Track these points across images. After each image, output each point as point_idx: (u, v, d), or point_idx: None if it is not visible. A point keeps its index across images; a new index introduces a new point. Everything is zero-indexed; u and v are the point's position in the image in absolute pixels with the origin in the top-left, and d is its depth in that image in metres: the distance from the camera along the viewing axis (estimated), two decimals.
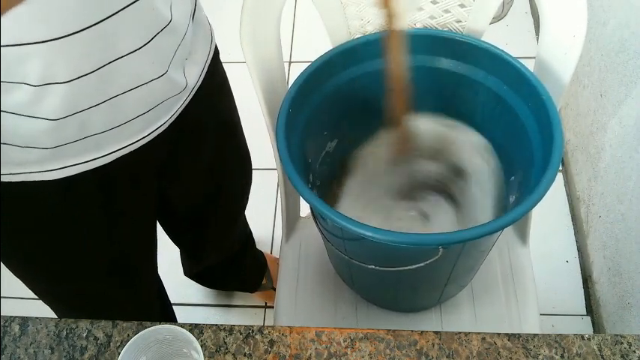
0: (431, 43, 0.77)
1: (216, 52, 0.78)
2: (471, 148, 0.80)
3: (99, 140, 0.61)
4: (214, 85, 0.77)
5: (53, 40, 0.49)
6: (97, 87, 0.55)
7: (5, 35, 0.47)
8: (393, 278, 0.76)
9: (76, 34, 0.50)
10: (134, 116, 0.62)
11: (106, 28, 0.52)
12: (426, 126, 0.80)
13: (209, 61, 0.73)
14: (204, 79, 0.72)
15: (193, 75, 0.69)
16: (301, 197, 0.67)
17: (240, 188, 1.01)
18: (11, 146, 0.57)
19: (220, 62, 0.80)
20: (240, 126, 0.92)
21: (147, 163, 0.71)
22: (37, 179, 0.61)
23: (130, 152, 0.65)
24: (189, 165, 0.82)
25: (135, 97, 0.60)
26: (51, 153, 0.59)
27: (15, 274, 0.75)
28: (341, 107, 0.79)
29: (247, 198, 1.06)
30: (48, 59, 0.50)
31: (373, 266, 0.70)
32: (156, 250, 0.87)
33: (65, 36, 0.49)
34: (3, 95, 0.52)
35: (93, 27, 0.51)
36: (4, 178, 0.60)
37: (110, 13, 0.51)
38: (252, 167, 1.02)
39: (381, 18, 0.66)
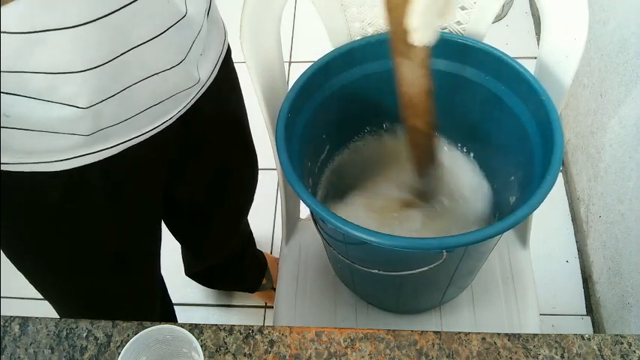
0: None
1: (229, 51, 0.78)
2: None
3: (109, 131, 0.61)
4: (225, 82, 0.78)
5: (68, 28, 0.49)
6: (112, 77, 0.56)
7: (19, 23, 0.47)
8: (396, 282, 0.76)
9: (90, 23, 0.50)
10: (145, 108, 0.62)
11: (121, 18, 0.52)
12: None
13: (222, 59, 0.74)
14: (216, 75, 0.73)
15: (206, 71, 0.70)
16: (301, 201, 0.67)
17: (246, 188, 1.01)
18: (26, 131, 0.57)
19: (232, 60, 0.81)
20: (248, 126, 0.92)
21: (155, 158, 0.71)
22: (45, 170, 0.61)
23: (139, 145, 0.65)
24: (197, 163, 0.82)
25: (147, 89, 0.60)
26: (61, 142, 0.59)
27: (20, 269, 0.75)
28: (340, 110, 0.79)
29: (252, 198, 1.06)
30: (62, 48, 0.50)
31: (376, 270, 0.70)
32: (160, 249, 0.87)
33: (80, 25, 0.50)
34: (18, 84, 0.52)
35: (108, 16, 0.51)
36: (14, 168, 0.60)
37: (125, 3, 0.52)
38: None
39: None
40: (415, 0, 0.55)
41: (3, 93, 0.53)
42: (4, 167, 0.60)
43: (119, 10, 0.51)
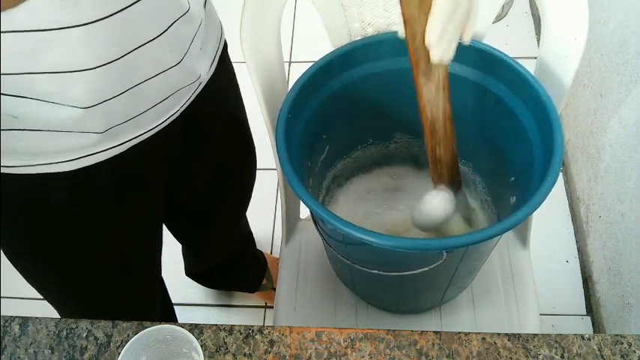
0: None
1: (226, 46, 0.78)
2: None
3: (118, 129, 0.61)
4: (223, 78, 0.78)
5: (79, 26, 0.49)
6: (121, 75, 0.56)
7: (31, 21, 0.47)
8: (396, 282, 0.76)
9: (101, 21, 0.50)
10: (153, 104, 0.62)
11: (130, 14, 0.52)
12: None
13: (219, 54, 0.74)
14: (214, 71, 0.73)
15: (205, 66, 0.70)
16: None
17: (245, 187, 1.02)
18: (35, 131, 0.57)
19: (229, 57, 0.81)
20: (248, 124, 0.92)
21: (157, 155, 0.71)
22: (51, 171, 0.61)
23: (143, 143, 0.65)
24: (197, 162, 0.82)
25: (154, 85, 0.60)
26: (70, 142, 0.59)
27: (19, 270, 0.74)
28: (340, 110, 0.79)
29: (251, 196, 1.06)
30: (73, 46, 0.50)
31: (376, 271, 0.70)
32: (161, 249, 0.87)
33: (92, 22, 0.50)
34: (28, 86, 0.52)
35: (118, 13, 0.51)
36: (18, 170, 0.60)
37: (134, 0, 0.52)
38: None
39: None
40: (433, 12, 0.50)
41: (12, 96, 0.53)
42: (6, 170, 0.60)
43: (129, 7, 0.52)
